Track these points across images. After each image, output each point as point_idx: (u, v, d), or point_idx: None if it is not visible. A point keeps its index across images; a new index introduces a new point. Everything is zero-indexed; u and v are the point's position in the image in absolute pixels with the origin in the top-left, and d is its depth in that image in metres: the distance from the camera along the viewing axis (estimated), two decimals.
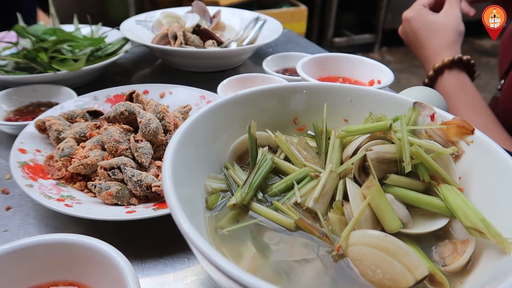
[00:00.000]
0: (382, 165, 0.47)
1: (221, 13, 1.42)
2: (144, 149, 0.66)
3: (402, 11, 1.08)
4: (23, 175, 0.62)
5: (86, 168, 0.64)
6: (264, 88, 0.58)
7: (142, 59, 1.30)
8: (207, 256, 0.32)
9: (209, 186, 0.50)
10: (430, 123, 0.53)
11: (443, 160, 0.48)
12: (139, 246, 0.58)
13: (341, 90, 0.59)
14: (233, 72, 1.05)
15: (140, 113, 0.70)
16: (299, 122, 0.61)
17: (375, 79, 0.96)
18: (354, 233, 0.41)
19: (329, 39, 4.15)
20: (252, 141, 0.53)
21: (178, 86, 0.91)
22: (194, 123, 0.49)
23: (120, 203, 0.61)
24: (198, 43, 1.18)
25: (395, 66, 3.94)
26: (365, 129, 0.50)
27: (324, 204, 0.46)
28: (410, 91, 0.72)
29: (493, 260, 0.40)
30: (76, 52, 1.07)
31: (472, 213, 0.42)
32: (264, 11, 1.63)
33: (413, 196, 0.46)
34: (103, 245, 0.43)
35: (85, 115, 0.78)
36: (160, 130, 0.69)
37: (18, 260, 0.43)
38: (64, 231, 0.60)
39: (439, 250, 0.44)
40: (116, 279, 0.41)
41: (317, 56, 1.01)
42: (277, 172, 0.53)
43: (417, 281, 0.37)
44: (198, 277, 0.54)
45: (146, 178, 0.62)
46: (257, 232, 0.45)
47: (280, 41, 1.42)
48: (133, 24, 1.28)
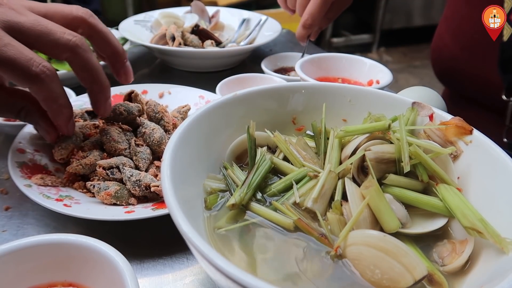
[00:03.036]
0: (381, 165, 0.47)
1: (220, 13, 1.42)
2: (143, 154, 0.66)
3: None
4: (22, 175, 0.62)
5: (85, 168, 0.64)
6: (263, 88, 0.58)
7: (140, 59, 1.30)
8: (206, 256, 0.32)
9: (208, 186, 0.50)
10: (429, 123, 0.53)
11: (442, 160, 0.48)
12: (137, 246, 0.58)
13: (340, 90, 0.59)
14: (232, 72, 1.05)
15: (144, 123, 0.70)
16: (298, 122, 0.61)
17: (373, 79, 0.96)
18: (352, 233, 0.41)
19: (327, 39, 4.16)
20: (251, 141, 0.53)
21: (177, 86, 0.91)
22: (192, 123, 0.49)
23: (119, 203, 0.61)
24: (197, 43, 1.18)
25: (393, 66, 3.94)
26: (364, 129, 0.50)
27: (323, 204, 0.46)
28: (409, 91, 0.72)
29: (491, 260, 0.40)
30: None
31: (470, 213, 0.42)
32: (263, 11, 1.64)
33: (412, 196, 0.46)
34: (102, 245, 0.43)
35: (83, 115, 0.78)
36: (164, 140, 0.69)
37: (17, 260, 0.43)
38: (63, 231, 0.60)
39: (438, 250, 0.44)
40: (114, 279, 0.41)
41: (316, 56, 1.01)
42: (276, 172, 0.53)
43: (416, 281, 0.37)
44: (197, 277, 0.54)
45: (145, 178, 0.62)
46: (256, 232, 0.45)
47: (279, 41, 1.42)
48: (132, 24, 1.28)
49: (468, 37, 1.02)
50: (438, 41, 1.14)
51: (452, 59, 1.08)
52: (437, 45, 1.15)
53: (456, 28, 1.07)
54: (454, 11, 1.10)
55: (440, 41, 1.14)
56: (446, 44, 1.10)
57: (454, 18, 1.09)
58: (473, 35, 1.01)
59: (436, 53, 1.15)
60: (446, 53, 1.10)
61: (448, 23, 1.11)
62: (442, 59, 1.13)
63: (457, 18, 1.08)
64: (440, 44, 1.14)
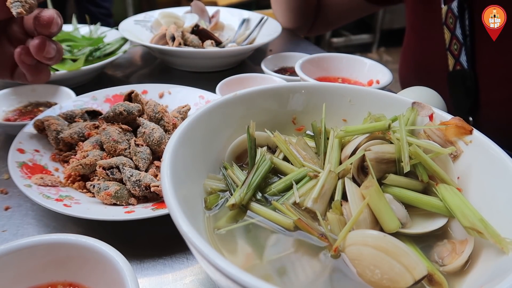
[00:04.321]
0: (381, 165, 0.47)
1: (220, 13, 1.42)
2: (143, 154, 0.66)
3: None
4: (22, 175, 0.62)
5: (85, 168, 0.64)
6: (263, 88, 0.58)
7: (141, 59, 1.30)
8: (206, 256, 0.32)
9: (208, 186, 0.50)
10: (429, 123, 0.53)
11: (442, 160, 0.48)
12: (137, 246, 0.58)
13: (339, 90, 0.59)
14: (232, 72, 1.05)
15: (144, 123, 0.70)
16: (298, 122, 0.61)
17: (373, 79, 0.96)
18: (352, 233, 0.41)
19: (327, 39, 4.16)
20: (251, 141, 0.53)
21: (177, 86, 0.91)
22: (192, 123, 0.49)
23: (119, 203, 0.61)
24: (197, 43, 1.18)
25: (393, 66, 3.93)
26: (364, 129, 0.50)
27: (323, 204, 0.46)
28: (409, 91, 0.73)
29: (491, 260, 0.40)
30: (74, 52, 1.07)
31: (470, 213, 0.42)
32: (262, 11, 1.63)
33: (412, 196, 0.46)
34: (102, 245, 0.43)
35: (83, 115, 0.78)
36: (164, 139, 0.69)
37: (17, 260, 0.43)
38: (62, 231, 0.60)
39: (437, 250, 0.44)
40: (114, 279, 0.41)
41: (316, 56, 1.01)
42: (276, 172, 0.53)
43: (416, 281, 0.37)
44: (197, 277, 0.54)
45: (145, 178, 0.62)
46: (256, 232, 0.45)
47: (279, 41, 1.42)
48: (132, 24, 1.28)
49: (422, 69, 1.07)
50: (402, 72, 1.19)
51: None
52: (402, 75, 1.20)
53: (409, 59, 1.13)
54: (406, 43, 1.16)
55: (403, 72, 1.18)
56: (408, 76, 1.16)
57: (406, 50, 1.15)
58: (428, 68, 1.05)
59: (404, 83, 1.19)
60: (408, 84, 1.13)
61: (405, 55, 1.17)
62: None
63: (408, 49, 1.14)
64: (404, 75, 1.18)
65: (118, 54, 1.10)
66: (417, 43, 1.09)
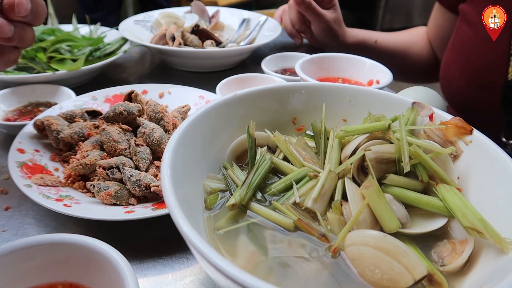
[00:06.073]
0: (381, 165, 0.47)
1: (220, 13, 1.42)
2: (143, 154, 0.66)
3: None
4: (22, 175, 0.62)
5: (85, 168, 0.64)
6: (263, 88, 0.58)
7: (141, 59, 1.30)
8: (206, 256, 0.32)
9: (208, 186, 0.50)
10: (429, 123, 0.53)
11: (442, 160, 0.48)
12: (137, 246, 0.58)
13: (340, 90, 0.59)
14: (232, 72, 1.05)
15: (144, 123, 0.70)
16: (298, 122, 0.61)
17: (373, 79, 0.96)
18: (352, 233, 0.41)
19: None
20: (251, 141, 0.53)
21: (177, 86, 0.91)
22: (192, 123, 0.49)
23: (119, 203, 0.61)
24: (197, 43, 1.18)
25: None
26: (364, 129, 0.50)
27: (323, 204, 0.46)
28: (409, 91, 0.73)
29: (491, 260, 0.40)
30: (74, 52, 1.07)
31: (470, 213, 0.42)
32: (262, 11, 1.63)
33: (412, 196, 0.46)
34: (102, 245, 0.43)
35: (83, 115, 0.78)
36: (164, 139, 0.69)
37: (17, 260, 0.43)
38: (63, 231, 0.60)
39: (437, 250, 0.44)
40: (115, 279, 0.41)
41: (316, 56, 1.01)
42: (276, 172, 0.53)
43: (416, 281, 0.37)
44: (197, 277, 0.54)
45: (145, 178, 0.62)
46: (256, 232, 0.45)
47: (279, 41, 1.42)
48: (132, 24, 1.28)
49: (476, 73, 0.97)
50: (445, 71, 1.10)
51: (459, 92, 1.03)
52: (445, 74, 1.10)
53: (465, 62, 1.01)
54: (463, 44, 1.03)
55: (447, 71, 1.09)
56: (454, 77, 1.05)
57: (463, 52, 1.03)
58: (482, 72, 0.95)
59: (445, 81, 1.10)
60: (453, 85, 1.05)
61: (456, 55, 1.05)
62: (450, 90, 1.08)
63: (465, 52, 1.02)
64: (448, 74, 1.09)
65: (118, 54, 1.10)
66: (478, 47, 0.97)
